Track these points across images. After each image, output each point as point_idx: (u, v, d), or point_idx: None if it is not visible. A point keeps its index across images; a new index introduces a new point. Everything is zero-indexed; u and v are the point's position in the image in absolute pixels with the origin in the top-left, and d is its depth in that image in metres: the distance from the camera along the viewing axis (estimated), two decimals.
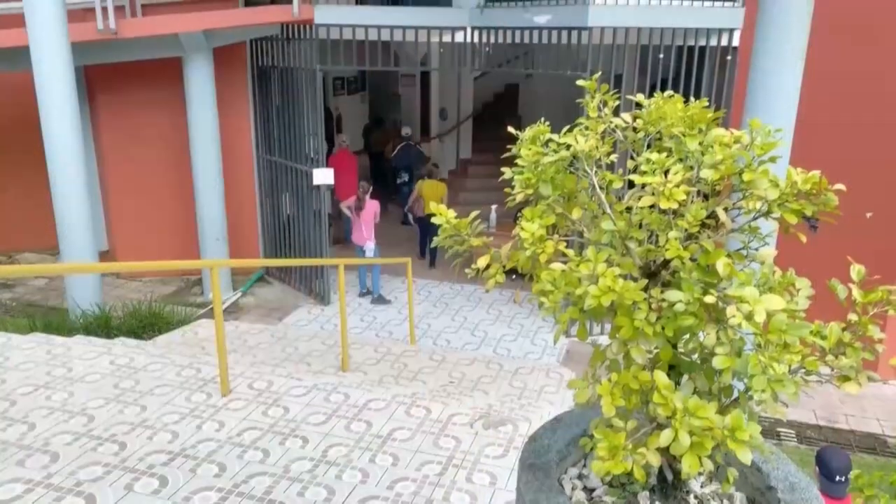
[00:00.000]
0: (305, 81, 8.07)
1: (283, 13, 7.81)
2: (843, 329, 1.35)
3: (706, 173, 1.37)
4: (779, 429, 6.71)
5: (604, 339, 1.54)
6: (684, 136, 1.43)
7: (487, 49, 8.19)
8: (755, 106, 5.88)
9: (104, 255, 8.93)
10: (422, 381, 5.98)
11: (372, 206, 8.60)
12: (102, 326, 6.86)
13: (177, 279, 9.29)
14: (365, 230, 8.62)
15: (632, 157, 1.48)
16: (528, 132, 1.66)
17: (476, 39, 8.15)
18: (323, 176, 8.27)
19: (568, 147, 1.52)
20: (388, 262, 8.62)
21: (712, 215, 1.39)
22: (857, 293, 1.33)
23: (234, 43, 8.44)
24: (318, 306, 8.71)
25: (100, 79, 8.60)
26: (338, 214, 10.33)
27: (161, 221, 9.17)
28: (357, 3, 8.27)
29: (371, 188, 8.88)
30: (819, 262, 2.38)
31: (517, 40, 7.83)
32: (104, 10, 7.30)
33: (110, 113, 8.80)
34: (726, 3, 7.40)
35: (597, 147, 1.51)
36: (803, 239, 1.44)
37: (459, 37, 8.16)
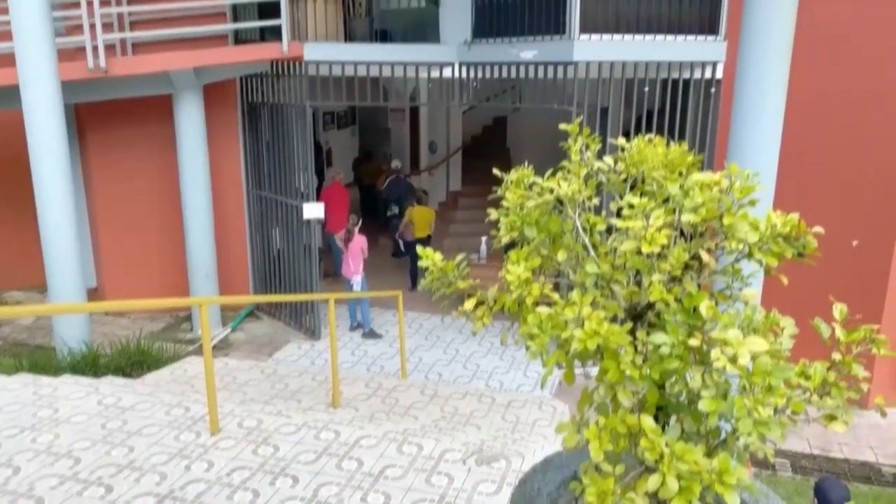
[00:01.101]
0: (295, 117, 8.14)
1: (273, 50, 7.90)
2: (828, 368, 1.36)
3: (687, 217, 1.40)
4: (773, 458, 6.68)
5: (594, 371, 1.53)
6: (665, 179, 1.46)
7: (475, 84, 8.29)
8: (739, 136, 5.97)
9: (92, 293, 8.87)
10: (413, 417, 5.94)
11: (359, 241, 8.62)
12: (90, 365, 6.78)
13: (166, 315, 9.23)
14: (352, 264, 8.62)
15: (614, 200, 1.51)
16: (512, 174, 1.69)
17: (464, 75, 8.26)
18: (313, 210, 8.29)
19: (552, 191, 1.54)
20: (377, 295, 8.60)
21: (696, 256, 1.42)
22: (840, 332, 1.35)
23: (225, 80, 8.51)
24: (309, 341, 8.66)
25: (90, 116, 8.63)
26: (328, 248, 10.34)
27: (150, 258, 9.13)
28: (346, 40, 8.36)
29: (360, 221, 8.90)
30: (806, 286, 2.41)
31: (504, 75, 7.94)
32: (94, 49, 7.36)
33: (100, 150, 8.82)
34: (709, 37, 7.54)
35: (580, 190, 1.54)
36: (785, 281, 1.46)
37: (447, 72, 8.27)
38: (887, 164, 7.11)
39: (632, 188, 1.58)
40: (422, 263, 1.73)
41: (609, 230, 1.62)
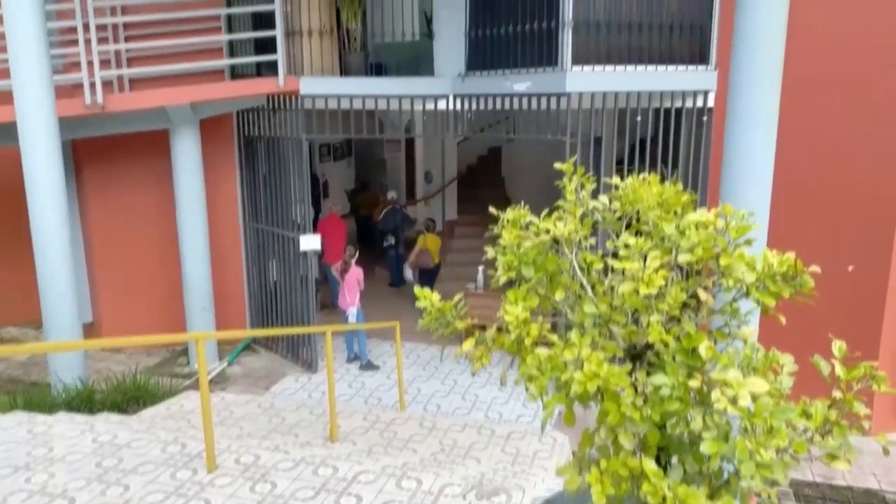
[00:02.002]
0: (292, 150, 8.19)
1: (269, 85, 7.97)
2: (829, 406, 1.36)
3: (684, 257, 1.40)
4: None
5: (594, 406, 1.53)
6: (660, 219, 1.47)
7: (470, 115, 8.37)
8: (732, 164, 6.00)
9: (88, 328, 8.82)
10: (412, 450, 5.88)
11: (355, 272, 8.61)
12: (85, 402, 6.71)
13: (162, 350, 9.17)
14: (348, 295, 8.60)
15: (611, 239, 1.51)
16: (509, 213, 1.70)
17: (458, 106, 8.34)
18: (309, 242, 8.30)
19: (548, 231, 1.55)
20: (374, 326, 8.57)
21: (694, 294, 1.42)
22: (840, 369, 1.35)
23: (221, 114, 8.57)
24: (306, 374, 8.60)
25: (87, 151, 8.67)
26: (324, 279, 10.33)
27: (147, 291, 9.11)
28: (342, 73, 8.45)
29: (357, 253, 8.91)
30: (801, 310, 2.40)
31: (498, 106, 8.02)
32: (92, 85, 7.42)
33: (97, 184, 8.84)
34: (699, 67, 7.65)
35: (576, 230, 1.55)
36: (783, 320, 1.46)
37: (442, 104, 8.35)
38: (879, 189, 7.16)
39: (627, 226, 1.59)
40: (419, 304, 1.73)
41: (606, 269, 1.63)
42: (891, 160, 7.05)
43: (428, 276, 10.30)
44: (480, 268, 9.68)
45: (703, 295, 1.45)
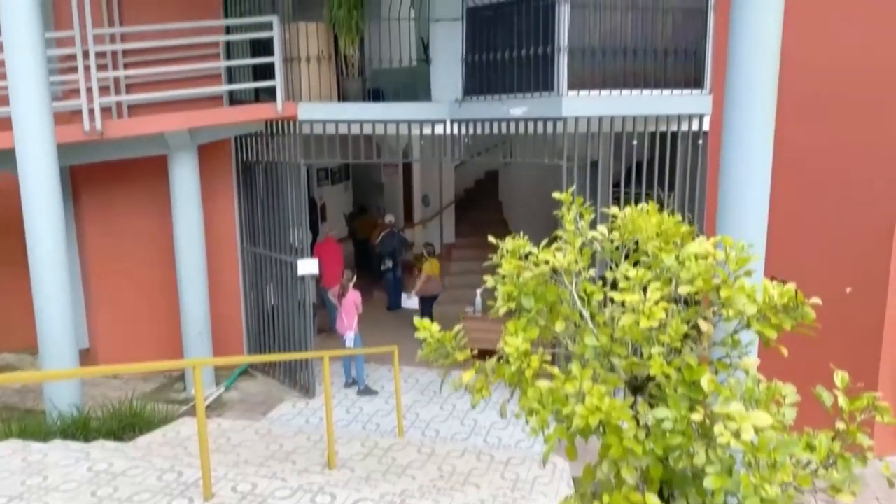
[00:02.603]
0: (290, 175, 8.22)
1: (268, 110, 8.02)
2: (832, 438, 1.35)
3: (684, 289, 1.41)
4: None
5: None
6: (660, 250, 1.48)
7: (467, 140, 8.42)
8: (728, 187, 6.03)
9: (84, 353, 8.76)
10: (411, 476, 5.81)
11: (353, 296, 8.59)
12: (81, 429, 6.65)
13: (159, 375, 9.11)
14: (346, 319, 8.58)
15: (610, 268, 1.51)
16: (508, 243, 1.70)
17: (455, 131, 8.38)
18: (307, 266, 8.30)
19: (547, 262, 1.56)
20: (372, 351, 8.53)
21: (694, 325, 1.42)
22: (842, 401, 1.34)
23: (220, 139, 8.61)
24: (304, 399, 8.54)
25: (85, 176, 8.68)
26: (322, 303, 10.29)
27: (143, 317, 9.07)
28: (339, 99, 8.51)
29: (354, 277, 8.89)
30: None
31: (495, 131, 8.07)
32: (91, 111, 7.45)
33: (94, 210, 8.85)
34: (694, 91, 7.71)
35: (575, 261, 1.55)
36: (785, 352, 1.46)
37: (439, 129, 8.39)
38: (875, 209, 7.18)
39: (626, 256, 1.59)
40: (418, 335, 1.73)
41: (605, 298, 1.63)
42: (886, 177, 7.07)
43: (429, 301, 10.28)
44: (479, 291, 9.67)
45: (703, 325, 1.45)
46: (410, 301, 10.26)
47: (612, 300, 1.57)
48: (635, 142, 7.57)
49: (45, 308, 6.97)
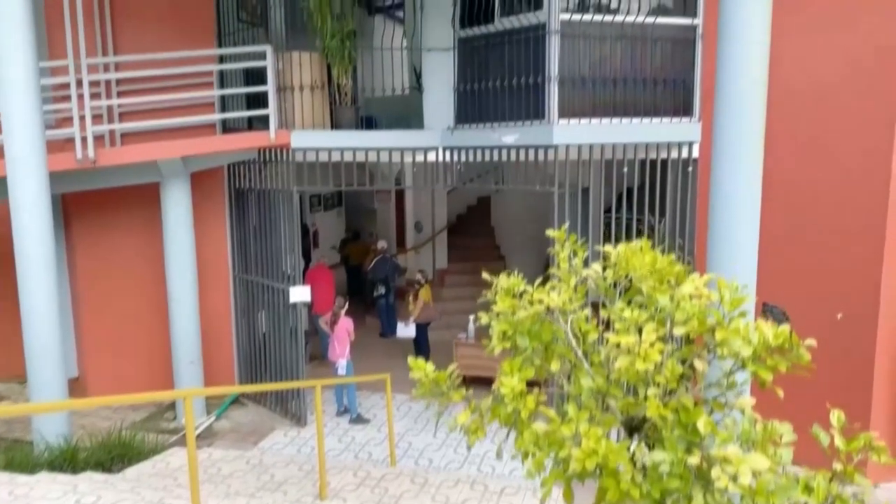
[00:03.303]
0: (282, 202, 8.22)
1: (261, 139, 8.05)
2: (830, 479, 1.34)
3: (679, 331, 1.41)
4: None
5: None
6: (654, 290, 1.49)
7: (459, 167, 8.46)
8: (718, 214, 6.06)
9: (74, 383, 8.65)
10: None
11: (345, 324, 8.56)
12: (69, 460, 6.54)
13: (149, 404, 9.00)
14: (338, 347, 8.53)
15: (603, 306, 1.52)
16: (502, 280, 1.70)
17: (448, 158, 8.43)
18: (299, 294, 8.27)
19: (542, 301, 1.56)
20: (364, 379, 8.47)
21: (690, 364, 1.42)
22: (839, 441, 1.34)
23: (212, 167, 8.62)
24: (295, 428, 8.46)
25: (76, 204, 8.66)
26: (314, 331, 10.25)
27: (134, 345, 8.99)
28: (332, 127, 8.55)
29: (346, 304, 8.86)
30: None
31: (487, 158, 8.13)
32: (84, 140, 7.45)
33: (86, 237, 8.81)
34: (684, 119, 7.81)
35: (570, 300, 1.55)
36: (780, 394, 1.46)
37: (432, 156, 8.44)
38: (864, 233, 7.24)
39: (620, 294, 1.60)
40: (413, 374, 1.72)
41: (601, 336, 1.63)
42: (874, 202, 7.13)
43: (423, 327, 10.24)
44: (471, 317, 9.66)
45: (699, 365, 1.45)
46: (408, 330, 10.17)
47: (607, 340, 1.57)
48: (626, 169, 7.64)
49: (34, 337, 6.89)
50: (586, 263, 1.72)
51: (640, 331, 1.47)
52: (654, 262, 1.60)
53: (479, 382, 9.16)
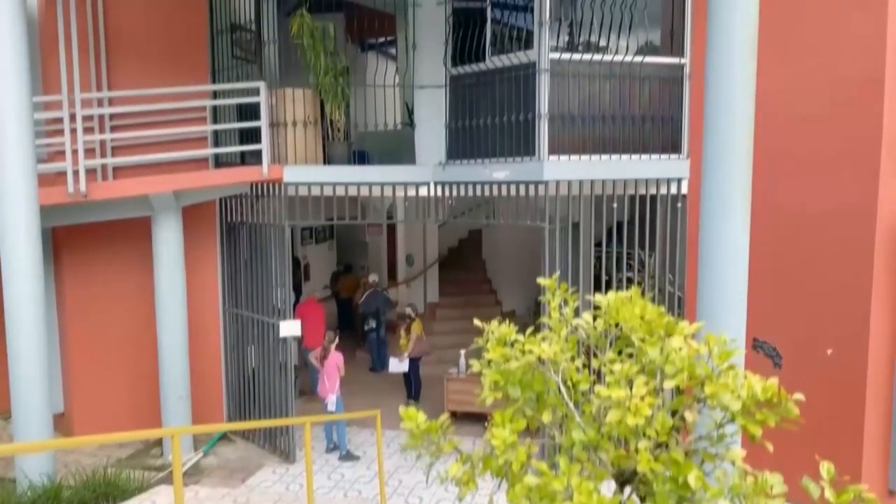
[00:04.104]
0: (274, 236, 8.23)
1: (253, 173, 8.08)
2: None
3: (669, 384, 1.42)
4: None
5: None
6: (644, 342, 1.50)
7: (450, 202, 8.51)
8: (708, 249, 6.10)
9: (59, 418, 8.53)
10: None
11: (335, 358, 8.50)
12: (52, 500, 6.43)
13: (135, 440, 8.86)
14: (328, 382, 8.46)
15: (595, 356, 1.53)
16: (494, 326, 1.71)
17: (439, 193, 8.49)
18: (290, 328, 8.22)
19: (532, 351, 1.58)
20: (354, 416, 8.39)
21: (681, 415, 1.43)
22: (829, 494, 1.34)
23: (204, 201, 8.62)
24: (284, 465, 8.34)
25: (66, 237, 8.62)
26: (303, 364, 10.17)
27: (121, 379, 8.88)
28: (325, 162, 8.61)
29: (337, 339, 8.81)
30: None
31: (478, 193, 8.19)
32: (76, 173, 7.46)
33: (75, 271, 8.75)
34: (672, 156, 7.91)
35: (562, 350, 1.56)
36: (770, 448, 1.47)
37: (423, 191, 8.49)
38: (854, 268, 7.29)
39: (611, 344, 1.61)
40: (403, 425, 1.72)
41: (592, 386, 1.64)
42: (863, 235, 7.19)
43: (415, 362, 10.18)
44: (462, 352, 9.62)
45: (689, 416, 1.46)
46: (402, 365, 10.09)
47: (598, 394, 1.58)
48: (615, 204, 7.71)
49: (21, 373, 6.82)
50: (577, 313, 1.74)
51: (630, 383, 1.48)
52: (643, 312, 1.62)
53: (471, 418, 9.11)
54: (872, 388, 7.28)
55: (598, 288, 8.06)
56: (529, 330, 1.72)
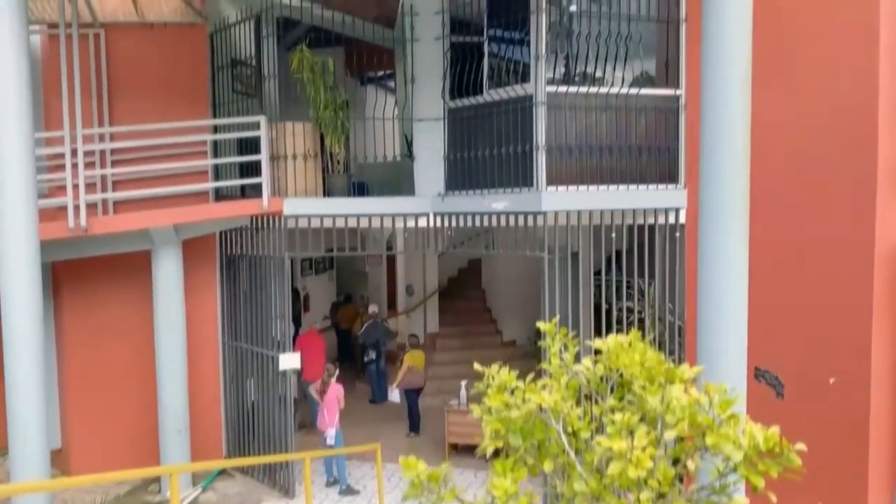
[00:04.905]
0: (274, 268, 8.24)
1: (254, 206, 8.11)
2: None
3: (669, 434, 1.42)
4: None
5: None
6: (644, 390, 1.50)
7: (450, 232, 8.54)
8: (706, 278, 6.10)
9: (56, 454, 8.45)
10: None
11: (335, 391, 8.45)
12: None
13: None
14: (328, 416, 8.39)
15: (596, 402, 1.53)
16: (494, 370, 1.71)
17: (438, 224, 8.52)
18: (289, 361, 8.19)
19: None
20: (355, 450, 8.31)
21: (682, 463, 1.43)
22: None
23: (204, 234, 8.65)
24: (283, 499, 8.25)
25: (66, 271, 8.63)
26: (303, 396, 10.10)
27: (120, 413, 8.82)
28: (325, 194, 8.65)
29: (337, 371, 8.76)
30: (787, 418, 2.37)
31: (477, 223, 8.22)
32: (76, 208, 7.48)
33: (74, 305, 8.74)
34: (669, 186, 7.95)
35: (563, 399, 1.56)
36: (773, 499, 1.46)
37: (423, 222, 8.52)
38: (854, 294, 7.27)
39: (612, 390, 1.61)
40: (405, 474, 1.71)
41: (593, 434, 1.64)
42: (861, 263, 7.17)
43: (413, 394, 10.12)
44: (463, 383, 9.58)
45: (691, 465, 1.45)
46: (395, 395, 10.08)
47: (599, 443, 1.57)
48: (614, 234, 7.73)
49: (18, 408, 6.75)
50: (577, 358, 1.74)
51: (631, 433, 1.48)
52: (643, 359, 1.63)
53: (471, 451, 9.03)
54: (876, 417, 7.23)
55: (598, 317, 8.05)
56: (530, 377, 1.73)
